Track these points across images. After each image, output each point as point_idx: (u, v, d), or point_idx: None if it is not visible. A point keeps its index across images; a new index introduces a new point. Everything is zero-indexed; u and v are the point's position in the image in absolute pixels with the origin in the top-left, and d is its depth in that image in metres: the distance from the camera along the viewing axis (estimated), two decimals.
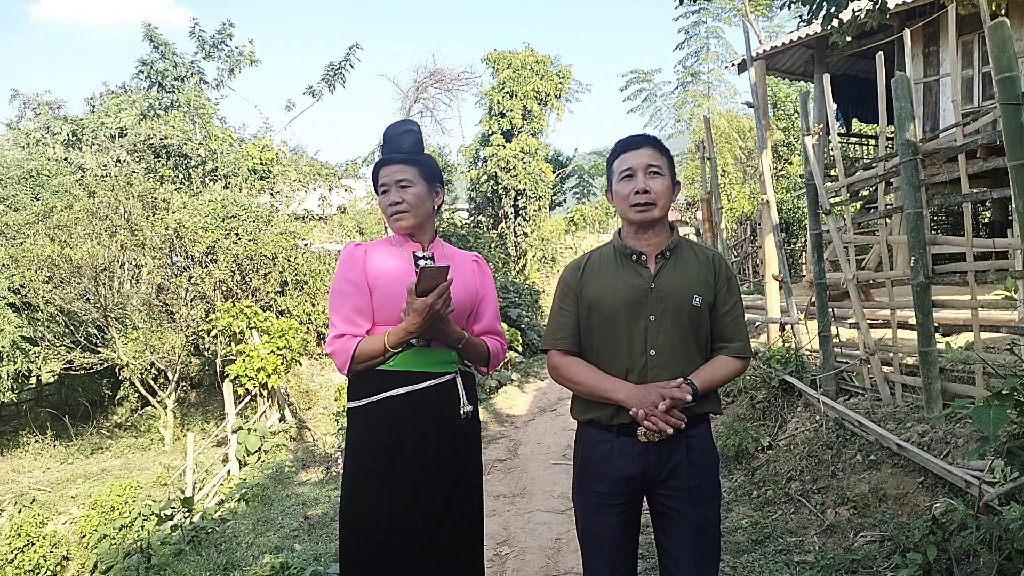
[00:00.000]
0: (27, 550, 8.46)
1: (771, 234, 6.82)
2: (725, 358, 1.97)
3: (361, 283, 2.07)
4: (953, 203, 4.46)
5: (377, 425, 2.05)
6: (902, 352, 4.32)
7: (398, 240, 2.19)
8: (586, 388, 1.96)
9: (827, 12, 4.37)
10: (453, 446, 2.10)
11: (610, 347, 1.94)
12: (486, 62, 19.68)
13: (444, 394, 2.08)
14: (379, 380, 2.05)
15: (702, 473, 1.93)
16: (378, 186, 2.17)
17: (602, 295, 1.96)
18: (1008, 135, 2.87)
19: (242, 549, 5.72)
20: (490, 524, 4.46)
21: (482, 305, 2.27)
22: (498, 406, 8.84)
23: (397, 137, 2.20)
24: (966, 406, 2.19)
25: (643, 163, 1.94)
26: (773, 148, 18.74)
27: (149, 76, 15.74)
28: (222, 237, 12.32)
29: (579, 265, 2.07)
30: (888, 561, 2.86)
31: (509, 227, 19.19)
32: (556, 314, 2.05)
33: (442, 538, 2.05)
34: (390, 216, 2.14)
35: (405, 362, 2.05)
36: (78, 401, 13.47)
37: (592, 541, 2.00)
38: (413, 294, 1.94)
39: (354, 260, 2.10)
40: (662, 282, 1.94)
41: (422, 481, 2.03)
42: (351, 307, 2.06)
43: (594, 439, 1.98)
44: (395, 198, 2.12)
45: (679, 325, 1.91)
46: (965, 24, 7.12)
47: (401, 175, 2.13)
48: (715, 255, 2.05)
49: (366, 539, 2.04)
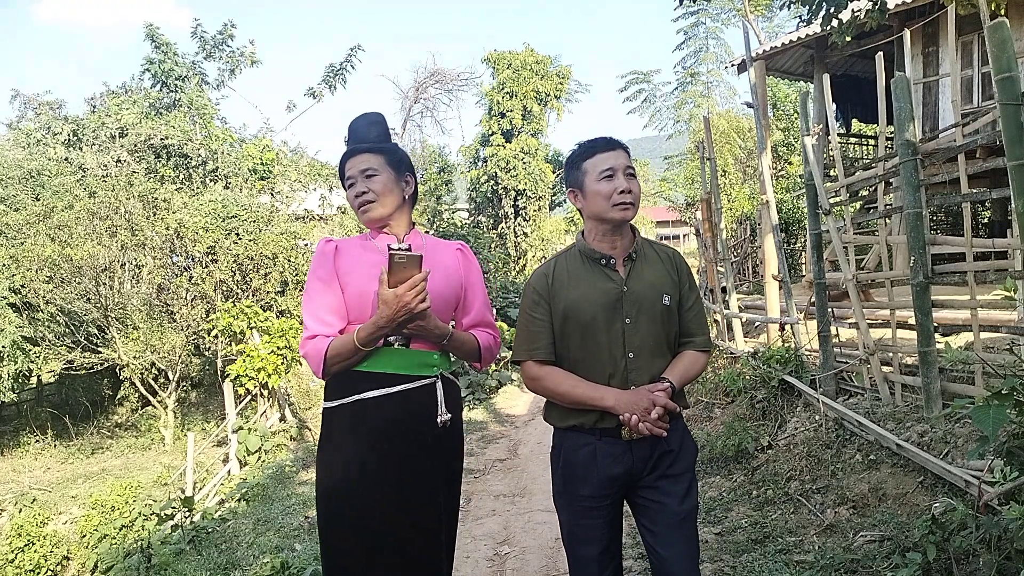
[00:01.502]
0: (27, 550, 8.47)
1: (771, 234, 6.83)
2: (692, 353, 2.01)
3: (332, 280, 1.97)
4: (953, 203, 4.47)
5: (349, 428, 1.94)
6: (902, 352, 4.32)
7: (373, 235, 2.09)
8: (572, 397, 1.93)
9: (827, 12, 4.37)
10: (429, 455, 1.97)
11: (590, 353, 1.94)
12: (486, 62, 19.71)
13: (420, 401, 1.96)
14: (352, 381, 1.94)
15: (682, 463, 1.98)
16: (345, 180, 2.07)
17: (577, 302, 1.94)
18: (1008, 135, 2.88)
19: (242, 549, 5.73)
20: (490, 524, 4.46)
21: (469, 296, 2.15)
22: (498, 406, 8.84)
23: (362, 129, 2.10)
24: (965, 406, 2.19)
25: (622, 164, 1.95)
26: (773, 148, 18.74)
27: (155, 75, 15.74)
28: (222, 237, 12.33)
29: (547, 272, 2.03)
30: (888, 561, 2.86)
31: (509, 227, 19.21)
32: (528, 323, 2.00)
33: (413, 548, 1.93)
34: (358, 208, 2.04)
35: (380, 363, 1.94)
36: (79, 401, 13.49)
37: (581, 545, 1.99)
38: (385, 284, 1.84)
39: (324, 256, 2.00)
40: (633, 285, 1.95)
41: (394, 487, 1.92)
42: (323, 306, 1.96)
43: (576, 443, 1.97)
44: (360, 188, 2.01)
45: (653, 326, 1.94)
46: (965, 24, 7.13)
47: (366, 164, 2.02)
48: (674, 253, 2.09)
49: (339, 539, 1.95)
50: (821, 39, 10.91)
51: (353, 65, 17.60)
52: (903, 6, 9.04)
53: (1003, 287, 2.82)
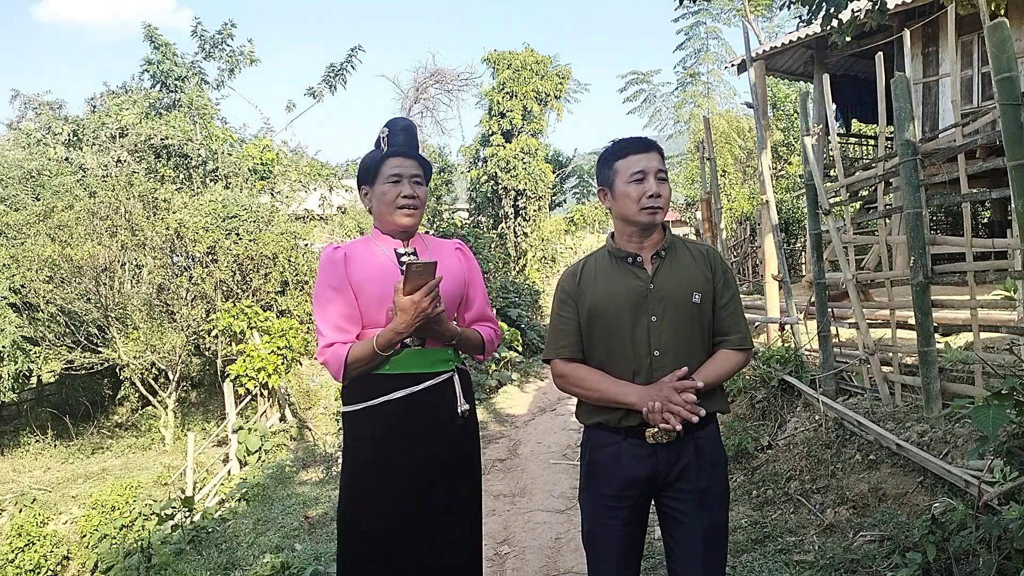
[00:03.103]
0: (28, 550, 8.48)
1: (771, 234, 6.83)
2: (726, 352, 1.96)
3: (345, 288, 2.01)
4: (952, 203, 4.47)
5: (376, 429, 2.01)
6: (901, 352, 4.33)
7: (377, 237, 2.12)
8: (596, 394, 1.94)
9: (827, 12, 4.37)
10: (452, 446, 2.07)
11: (615, 351, 1.94)
12: (486, 62, 19.68)
13: (442, 394, 2.05)
14: (377, 384, 2.01)
15: (710, 475, 1.92)
16: (383, 176, 2.07)
17: (602, 300, 1.95)
18: (1007, 135, 2.88)
19: (242, 549, 5.73)
20: (490, 524, 4.46)
21: (471, 292, 2.22)
22: (498, 406, 8.84)
23: (407, 134, 2.14)
24: (965, 406, 2.19)
25: (654, 167, 1.93)
26: (773, 148, 18.74)
27: (154, 76, 15.74)
28: (223, 237, 12.33)
29: (575, 272, 2.05)
30: (887, 561, 2.86)
31: (509, 227, 19.20)
32: (556, 322, 2.03)
33: (443, 538, 2.03)
34: (400, 208, 2.06)
35: (402, 364, 2.02)
36: (79, 401, 13.48)
37: (598, 543, 1.99)
38: (401, 294, 1.90)
39: (335, 264, 2.03)
40: (660, 282, 1.93)
41: (423, 482, 2.01)
42: (338, 314, 2.01)
43: (602, 441, 1.97)
44: (410, 191, 2.05)
45: (680, 324, 1.91)
46: (965, 24, 7.13)
47: (416, 170, 2.08)
48: (709, 250, 2.04)
49: (367, 539, 2.02)
50: (821, 39, 10.92)
51: (353, 65, 17.60)
52: (903, 6, 9.05)
53: (1003, 287, 2.82)
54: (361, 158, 2.20)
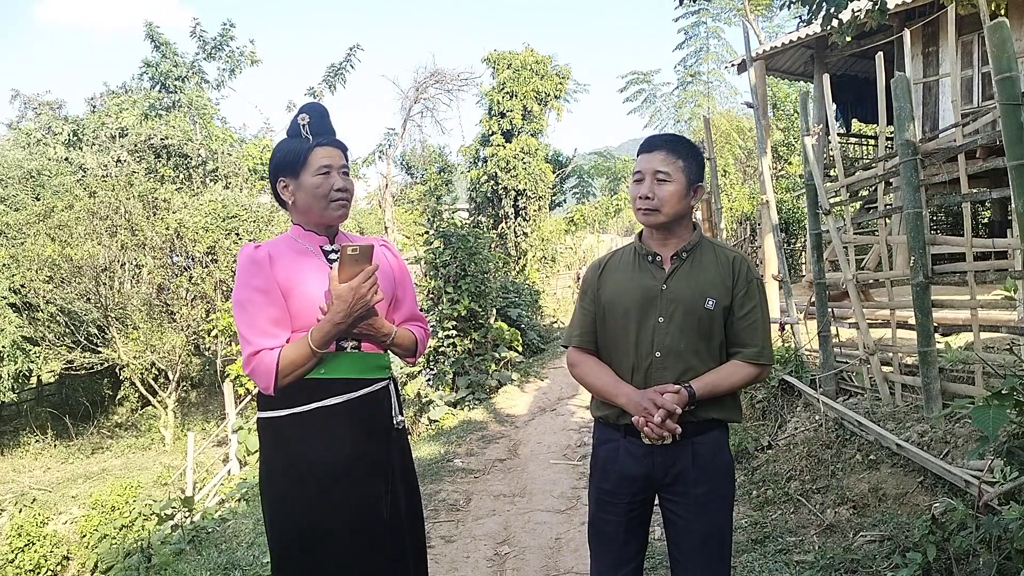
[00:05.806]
0: (28, 550, 8.48)
1: (771, 234, 6.83)
2: (736, 363, 1.91)
3: (272, 289, 1.82)
4: (953, 203, 4.47)
5: (307, 437, 1.83)
6: (902, 352, 4.32)
7: (299, 235, 1.95)
8: (596, 388, 1.99)
9: (827, 12, 4.37)
10: (388, 459, 1.92)
11: (619, 345, 1.96)
12: (486, 62, 19.69)
13: (378, 403, 1.91)
14: (310, 389, 1.83)
15: (709, 480, 1.89)
16: (311, 167, 1.88)
17: (616, 295, 1.97)
18: (1008, 135, 2.88)
19: (243, 549, 5.72)
20: (490, 524, 4.46)
21: (400, 291, 2.07)
22: (498, 406, 8.84)
23: (324, 120, 1.95)
24: (965, 406, 2.19)
25: (652, 168, 1.90)
26: (773, 148, 18.74)
27: (153, 77, 15.75)
28: (223, 237, 12.34)
29: (600, 264, 2.09)
30: (888, 561, 2.86)
31: (509, 227, 19.19)
32: (577, 311, 2.08)
33: (387, 548, 1.89)
34: (334, 202, 1.90)
35: (338, 369, 1.85)
36: (79, 401, 13.49)
37: (597, 537, 2.03)
38: (336, 281, 1.76)
39: (259, 264, 1.83)
40: (674, 284, 1.91)
41: (358, 497, 1.86)
42: (265, 318, 1.81)
43: (604, 436, 2.01)
44: (340, 183, 1.89)
45: (687, 328, 1.88)
46: (965, 24, 7.13)
47: (342, 161, 1.92)
48: (736, 256, 1.97)
49: (297, 555, 1.87)
50: (821, 39, 10.91)
51: (353, 65, 17.64)
52: (903, 6, 9.04)
53: (1003, 287, 2.82)
54: (276, 146, 1.99)
